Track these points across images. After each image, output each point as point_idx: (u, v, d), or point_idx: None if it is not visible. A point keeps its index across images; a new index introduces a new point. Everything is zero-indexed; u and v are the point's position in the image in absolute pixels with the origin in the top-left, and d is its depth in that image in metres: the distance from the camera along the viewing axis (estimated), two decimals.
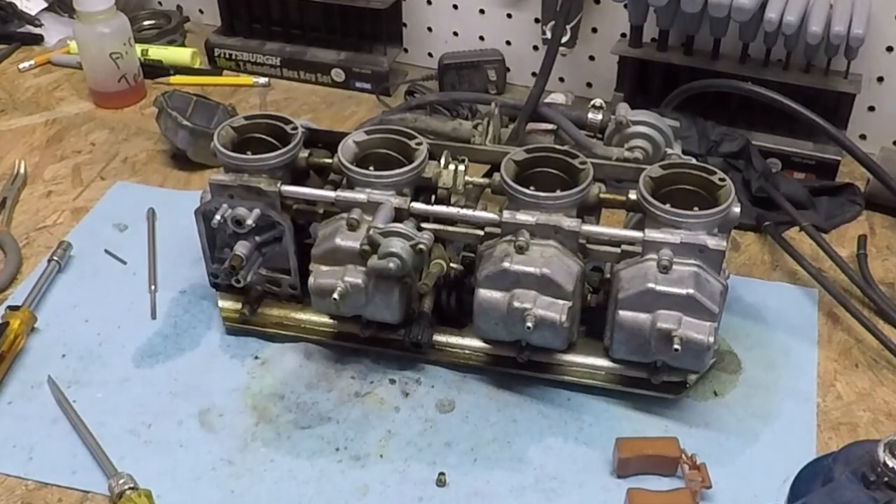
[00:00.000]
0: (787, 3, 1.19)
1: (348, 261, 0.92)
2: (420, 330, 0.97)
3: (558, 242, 0.90)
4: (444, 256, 0.95)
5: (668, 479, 0.88)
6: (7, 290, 1.10)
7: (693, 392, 0.96)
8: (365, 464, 0.91)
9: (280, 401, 0.97)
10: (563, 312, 0.88)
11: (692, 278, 0.87)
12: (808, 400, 0.97)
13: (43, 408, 0.96)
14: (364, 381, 0.99)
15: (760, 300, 1.09)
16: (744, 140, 1.23)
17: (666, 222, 0.88)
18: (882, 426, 0.94)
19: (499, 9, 1.47)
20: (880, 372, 1.00)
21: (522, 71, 1.49)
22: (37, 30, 1.64)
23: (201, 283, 1.07)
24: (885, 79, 1.29)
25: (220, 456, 0.91)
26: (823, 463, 0.83)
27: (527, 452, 0.92)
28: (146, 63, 1.52)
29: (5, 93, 1.50)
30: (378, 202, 0.93)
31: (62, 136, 1.40)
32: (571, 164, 0.93)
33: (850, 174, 1.27)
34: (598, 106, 1.08)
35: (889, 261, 1.15)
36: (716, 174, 0.91)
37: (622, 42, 1.35)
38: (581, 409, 0.96)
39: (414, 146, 0.96)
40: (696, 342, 0.86)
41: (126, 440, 0.92)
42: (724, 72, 1.27)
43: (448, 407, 0.96)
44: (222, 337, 1.04)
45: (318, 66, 1.52)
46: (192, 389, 0.98)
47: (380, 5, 1.45)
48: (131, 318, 1.06)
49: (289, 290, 1.02)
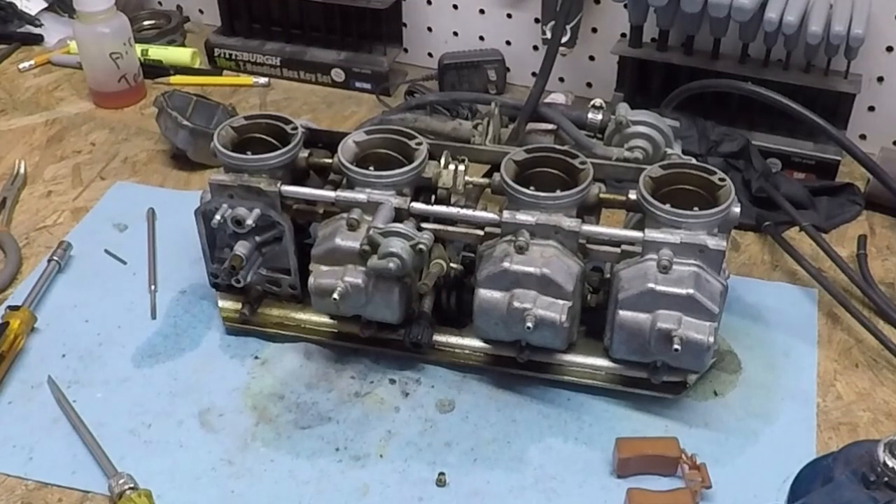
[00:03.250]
0: (787, 3, 1.19)
1: (348, 261, 0.92)
2: (420, 330, 0.97)
3: (558, 242, 0.90)
4: (444, 256, 0.95)
5: (668, 479, 0.88)
6: (7, 290, 1.10)
7: (693, 392, 0.96)
8: (365, 464, 0.91)
9: (280, 401, 0.97)
10: (563, 312, 0.88)
11: (692, 278, 0.87)
12: (808, 400, 0.97)
13: (43, 408, 0.96)
14: (364, 381, 0.99)
15: (760, 300, 1.09)
16: (744, 140, 1.23)
17: (666, 222, 0.88)
18: (882, 426, 0.94)
19: (499, 9, 1.47)
20: (880, 372, 1.00)
21: (522, 71, 1.49)
22: (37, 30, 1.64)
23: (201, 283, 1.07)
24: (885, 79, 1.29)
25: (220, 456, 0.91)
26: (823, 463, 0.84)
27: (527, 452, 0.92)
28: (146, 63, 1.52)
29: (5, 93, 1.50)
30: (378, 202, 0.93)
31: (62, 136, 1.40)
32: (571, 164, 0.93)
33: (850, 174, 1.27)
34: (598, 106, 1.07)
35: (889, 261, 1.15)
36: (716, 174, 0.91)
37: (622, 42, 1.35)
38: (581, 409, 0.96)
39: (414, 146, 0.96)
40: (696, 342, 0.86)
41: (126, 440, 0.92)
42: (724, 72, 1.27)
43: (448, 407, 0.96)
44: (222, 337, 1.04)
45: (318, 66, 1.52)
46: (192, 389, 0.98)
47: (380, 5, 1.45)
48: (131, 318, 1.06)
49: (289, 290, 1.02)
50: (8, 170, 1.30)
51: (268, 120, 1.00)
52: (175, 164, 1.33)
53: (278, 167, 0.96)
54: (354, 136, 0.98)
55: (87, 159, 1.34)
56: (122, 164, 1.33)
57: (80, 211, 1.24)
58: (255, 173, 0.95)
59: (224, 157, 0.96)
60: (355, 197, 0.94)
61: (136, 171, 1.32)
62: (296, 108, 1.47)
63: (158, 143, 1.36)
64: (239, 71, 1.56)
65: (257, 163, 0.95)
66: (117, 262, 1.15)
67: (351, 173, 0.94)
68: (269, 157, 0.95)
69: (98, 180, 1.30)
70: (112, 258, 1.15)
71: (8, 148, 1.37)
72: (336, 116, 1.45)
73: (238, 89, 1.52)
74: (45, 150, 1.36)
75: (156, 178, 1.31)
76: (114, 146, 1.37)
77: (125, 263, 1.15)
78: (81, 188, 1.28)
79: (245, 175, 0.96)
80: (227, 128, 0.99)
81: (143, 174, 1.31)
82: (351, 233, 0.92)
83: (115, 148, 1.37)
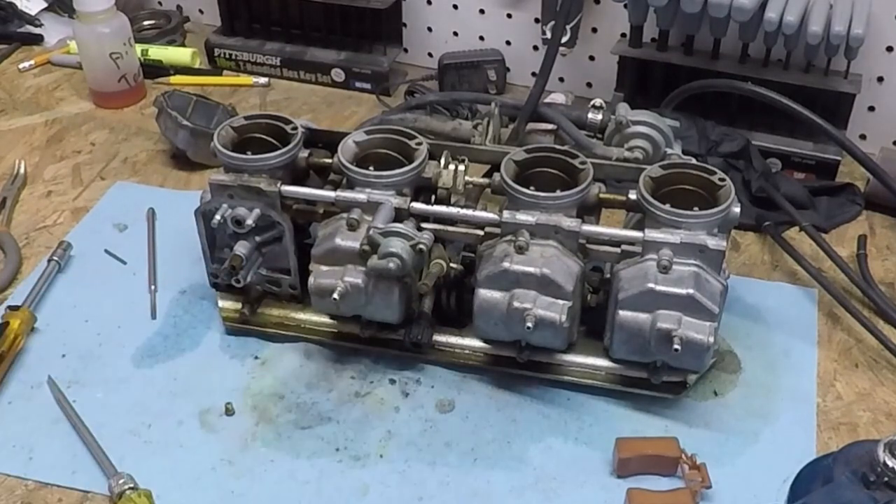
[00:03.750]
0: (787, 3, 1.19)
1: (348, 261, 0.92)
2: (420, 330, 0.97)
3: (558, 242, 0.90)
4: (444, 256, 0.95)
5: (668, 479, 0.88)
6: (7, 290, 1.10)
7: (693, 392, 0.96)
8: (365, 464, 0.91)
9: (280, 401, 0.97)
10: (563, 312, 0.88)
11: (692, 278, 0.87)
12: (808, 400, 0.97)
13: (43, 408, 0.96)
14: (364, 381, 0.99)
15: (760, 300, 1.09)
16: (744, 140, 1.23)
17: (666, 222, 0.88)
18: (882, 426, 0.94)
19: (499, 9, 1.47)
20: (880, 372, 1.00)
21: (522, 71, 1.49)
22: (37, 30, 1.64)
23: (201, 283, 1.07)
24: (885, 79, 1.29)
25: (220, 456, 0.91)
26: (823, 463, 0.84)
27: (527, 452, 0.92)
28: (146, 63, 1.52)
29: (5, 93, 1.50)
30: (378, 202, 0.93)
31: (62, 136, 1.40)
32: (571, 164, 0.93)
33: (850, 174, 1.27)
34: (598, 106, 1.07)
35: (889, 261, 1.15)
36: (716, 174, 0.91)
37: (622, 42, 1.35)
38: (581, 409, 0.96)
39: (414, 146, 0.96)
40: (696, 342, 0.86)
41: (126, 440, 0.92)
42: (724, 72, 1.27)
43: (448, 407, 0.96)
44: (222, 337, 1.04)
45: (318, 66, 1.52)
46: (192, 389, 0.98)
47: (380, 5, 1.45)
48: (131, 318, 1.06)
49: (289, 290, 1.02)
50: (8, 170, 1.30)
51: (268, 120, 1.00)
52: (175, 164, 1.33)
53: (278, 167, 0.96)
54: (354, 136, 0.98)
55: (87, 159, 1.34)
56: (122, 164, 1.33)
57: (80, 211, 1.24)
58: (255, 173, 0.95)
59: (224, 157, 0.96)
60: (355, 197, 0.94)
61: (136, 171, 1.32)
62: (296, 108, 1.47)
63: (158, 143, 1.36)
64: (239, 71, 1.56)
65: (257, 163, 0.95)
66: (117, 262, 1.15)
67: (351, 173, 0.94)
68: (269, 157, 0.95)
69: (98, 180, 1.30)
70: (112, 258, 1.15)
71: (8, 148, 1.37)
72: (336, 116, 1.45)
73: (238, 89, 1.52)
74: (45, 150, 1.36)
75: (156, 178, 1.30)
76: (114, 146, 1.37)
77: (125, 263, 1.14)
78: (81, 188, 1.28)
79: (245, 175, 0.96)
80: (227, 128, 0.99)
81: (143, 174, 1.31)
82: (351, 233, 0.92)
83: (115, 148, 1.37)
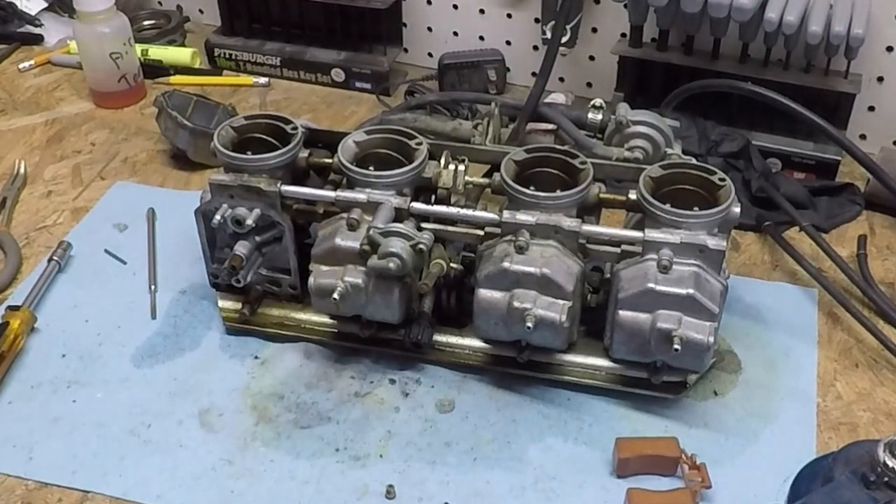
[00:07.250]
0: (787, 3, 1.19)
1: (348, 261, 0.92)
2: (420, 330, 0.97)
3: (558, 242, 0.90)
4: (444, 256, 0.95)
5: (668, 479, 0.88)
6: (7, 290, 1.10)
7: (693, 392, 0.96)
8: (365, 464, 0.91)
9: (280, 401, 0.97)
10: (563, 312, 0.88)
11: (692, 278, 0.87)
12: (808, 400, 0.97)
13: (43, 408, 0.96)
14: (364, 381, 0.99)
15: (760, 300, 1.09)
16: (744, 140, 1.23)
17: (666, 222, 0.88)
18: (882, 426, 0.94)
19: (499, 9, 1.47)
20: (880, 372, 1.00)
21: (522, 71, 1.49)
22: (37, 30, 1.64)
23: (201, 283, 1.07)
24: (885, 79, 1.29)
25: (220, 456, 0.91)
26: (823, 463, 0.84)
27: (527, 452, 0.92)
28: (146, 63, 1.52)
29: (5, 93, 1.50)
30: (378, 202, 0.93)
31: (62, 136, 1.40)
32: (571, 164, 0.93)
33: (850, 174, 1.27)
34: (598, 106, 1.07)
35: (889, 261, 1.15)
36: (716, 174, 0.91)
37: (622, 42, 1.35)
38: (581, 409, 0.96)
39: (414, 146, 0.96)
40: (696, 342, 0.86)
41: (126, 440, 0.92)
42: (724, 72, 1.27)
43: (448, 407, 0.96)
44: (222, 337, 1.04)
45: (318, 66, 1.52)
46: (192, 389, 0.98)
47: (380, 5, 1.45)
48: (131, 318, 1.06)
49: (289, 290, 1.02)
50: (8, 170, 1.30)
51: (268, 120, 1.00)
52: (175, 164, 1.33)
53: (278, 167, 0.96)
54: (354, 136, 0.98)
55: (87, 159, 1.34)
56: (122, 164, 1.33)
57: (80, 211, 1.24)
58: (255, 173, 0.95)
59: (224, 157, 0.96)
60: (355, 197, 0.94)
61: (136, 171, 1.32)
62: (296, 108, 1.47)
63: (158, 143, 1.36)
64: (239, 71, 1.56)
65: (257, 163, 0.95)
66: (117, 262, 1.15)
67: (351, 173, 0.94)
68: (269, 157, 0.95)
69: (98, 180, 1.30)
70: (112, 258, 1.15)
71: (8, 148, 1.37)
72: (336, 116, 1.45)
73: (238, 89, 1.52)
74: (45, 150, 1.36)
75: (156, 178, 1.30)
76: (114, 146, 1.37)
77: (125, 263, 1.14)
78: (81, 188, 1.28)
79: (245, 175, 0.96)
80: (227, 128, 0.99)
81: (143, 174, 1.31)
82: (351, 233, 0.92)
83: (115, 148, 1.37)
